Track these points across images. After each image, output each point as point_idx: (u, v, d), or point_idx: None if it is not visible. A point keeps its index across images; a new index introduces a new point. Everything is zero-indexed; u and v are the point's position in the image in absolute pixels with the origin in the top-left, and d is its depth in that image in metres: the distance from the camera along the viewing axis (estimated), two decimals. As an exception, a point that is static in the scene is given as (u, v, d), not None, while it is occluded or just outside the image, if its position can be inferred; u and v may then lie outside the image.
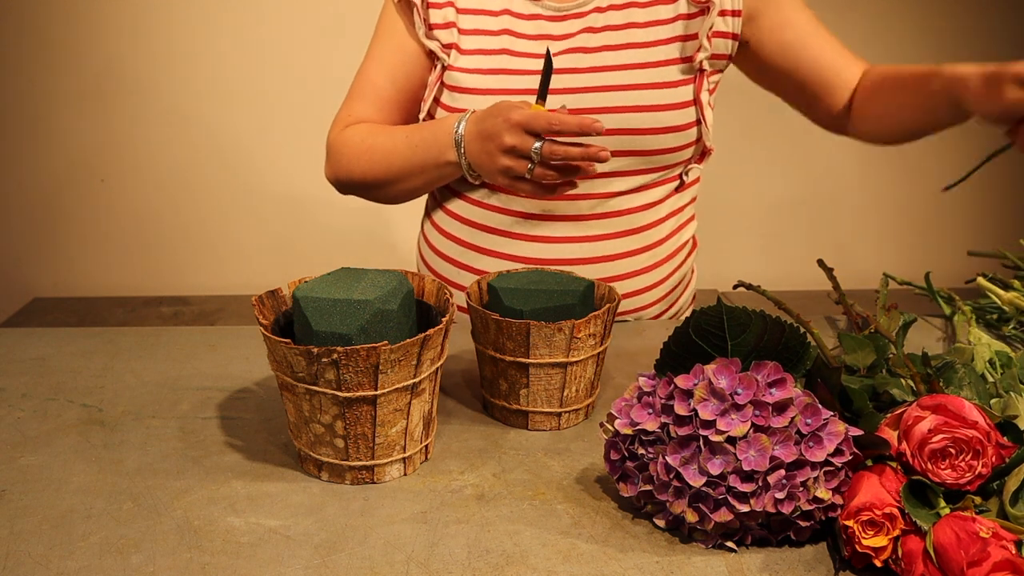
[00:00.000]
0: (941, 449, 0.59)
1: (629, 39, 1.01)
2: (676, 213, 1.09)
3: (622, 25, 1.02)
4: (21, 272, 2.37)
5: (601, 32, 1.01)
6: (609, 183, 1.02)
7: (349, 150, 1.06)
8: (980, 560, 0.53)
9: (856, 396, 0.65)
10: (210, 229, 2.42)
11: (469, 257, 1.07)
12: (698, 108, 1.02)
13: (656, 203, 1.06)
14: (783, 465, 0.60)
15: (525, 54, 1.01)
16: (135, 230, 2.38)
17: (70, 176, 2.30)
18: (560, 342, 0.76)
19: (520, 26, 1.03)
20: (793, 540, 0.63)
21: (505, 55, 1.01)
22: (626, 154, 1.01)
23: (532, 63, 1.01)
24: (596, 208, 1.03)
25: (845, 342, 0.70)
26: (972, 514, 0.57)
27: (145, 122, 2.30)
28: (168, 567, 0.60)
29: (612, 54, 1.00)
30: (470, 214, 1.06)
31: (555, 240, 1.03)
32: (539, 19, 1.03)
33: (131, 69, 2.23)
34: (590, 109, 0.99)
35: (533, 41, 1.02)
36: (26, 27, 2.17)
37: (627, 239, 1.05)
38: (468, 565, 0.61)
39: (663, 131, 1.00)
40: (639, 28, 1.01)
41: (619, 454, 0.66)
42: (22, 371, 0.90)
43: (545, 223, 1.03)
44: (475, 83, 1.01)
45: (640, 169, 1.03)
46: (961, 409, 0.60)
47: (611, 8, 1.02)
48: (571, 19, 1.02)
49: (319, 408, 0.68)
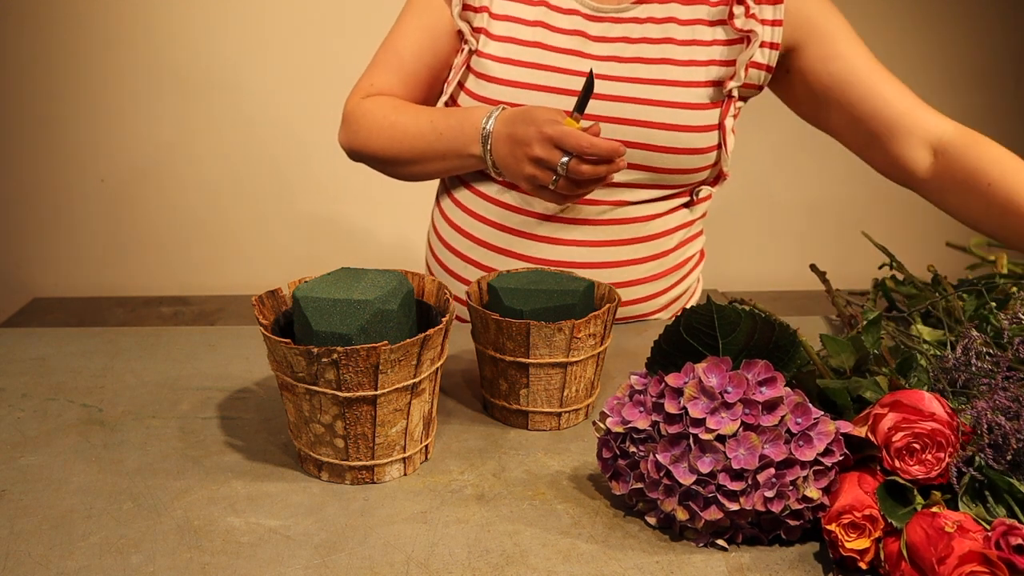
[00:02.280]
0: (905, 446, 0.59)
1: (664, 55, 1.00)
2: (686, 226, 1.09)
3: (659, 40, 1.00)
4: (21, 272, 2.37)
5: (637, 43, 1.00)
6: (622, 192, 1.02)
7: (369, 122, 1.04)
8: (946, 555, 0.54)
9: (837, 396, 0.65)
10: (210, 229, 2.42)
11: (478, 253, 1.07)
12: (721, 133, 1.02)
13: (666, 214, 1.06)
14: (773, 464, 0.60)
15: (558, 49, 1.00)
16: (135, 230, 2.38)
17: (70, 176, 2.30)
18: (560, 342, 0.76)
19: (556, 20, 1.01)
20: (784, 539, 0.63)
21: (538, 48, 1.00)
22: (643, 168, 1.01)
23: (564, 59, 0.99)
24: (606, 214, 1.03)
25: (828, 344, 0.70)
26: (941, 509, 0.57)
27: (145, 122, 2.30)
28: (168, 567, 0.60)
29: (645, 67, 0.99)
30: (482, 210, 1.06)
31: (564, 242, 1.03)
32: (576, 14, 1.01)
33: (131, 69, 2.23)
34: (616, 119, 0.98)
35: (568, 36, 1.01)
36: (26, 27, 2.17)
37: (635, 246, 1.05)
38: (468, 565, 0.61)
39: (683, 152, 1.00)
40: (676, 45, 1.00)
41: (611, 452, 0.67)
42: (22, 371, 0.90)
43: (555, 224, 1.03)
44: (504, 73, 1.00)
45: (654, 184, 1.03)
46: (920, 402, 0.60)
47: (650, 20, 1.01)
48: (608, 22, 1.01)
49: (319, 408, 0.68)
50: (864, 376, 0.69)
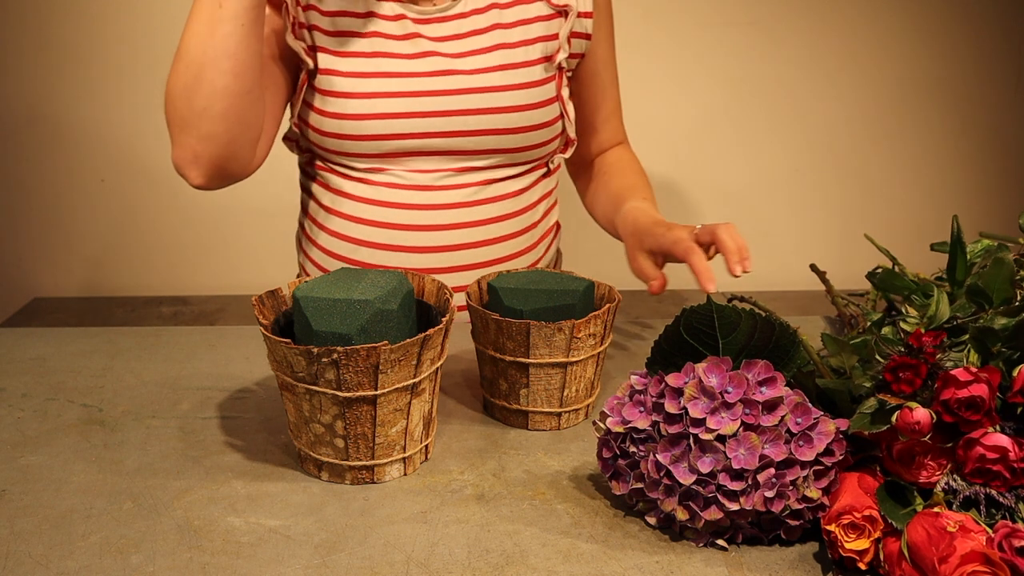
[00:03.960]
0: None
1: (496, 40, 1.04)
2: (546, 196, 1.15)
3: (487, 28, 1.05)
4: (21, 272, 2.37)
5: (468, 37, 1.04)
6: (486, 173, 1.07)
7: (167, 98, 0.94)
8: (948, 555, 0.54)
9: (837, 396, 0.66)
10: (210, 229, 2.42)
11: (363, 254, 1.07)
12: (560, 104, 1.08)
13: (531, 187, 1.11)
14: (773, 464, 0.60)
15: (399, 55, 1.02)
16: (135, 230, 2.38)
17: (70, 176, 2.30)
18: (560, 342, 0.76)
19: (388, 27, 1.03)
20: (784, 539, 0.63)
21: (380, 57, 1.02)
22: (500, 152, 1.05)
23: (407, 64, 1.02)
24: (477, 195, 1.07)
25: (828, 344, 0.70)
26: (942, 509, 0.57)
27: (145, 122, 2.30)
28: (168, 567, 0.60)
29: (482, 57, 1.03)
30: (356, 211, 1.07)
31: (441, 228, 1.06)
32: (405, 19, 1.03)
33: (131, 69, 2.23)
34: (464, 111, 1.02)
35: (404, 41, 1.03)
36: (27, 27, 2.17)
37: (506, 223, 1.09)
38: (468, 565, 0.61)
39: (532, 128, 1.05)
40: (505, 29, 1.05)
41: (611, 452, 0.67)
42: (22, 371, 0.90)
43: (430, 212, 1.05)
44: (353, 87, 1.01)
45: (512, 162, 1.08)
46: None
47: (474, 12, 1.05)
48: (436, 23, 1.04)
49: (319, 408, 0.68)
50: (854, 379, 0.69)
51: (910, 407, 0.57)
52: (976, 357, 0.62)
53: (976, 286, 0.70)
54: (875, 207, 2.20)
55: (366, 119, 1.01)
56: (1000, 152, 2.05)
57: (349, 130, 1.02)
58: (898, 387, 0.59)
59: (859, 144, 1.96)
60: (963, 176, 2.04)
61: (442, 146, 1.03)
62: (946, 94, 1.97)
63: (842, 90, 1.92)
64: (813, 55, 1.88)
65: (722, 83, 1.90)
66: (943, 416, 0.57)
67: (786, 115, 2.01)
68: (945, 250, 0.83)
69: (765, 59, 1.88)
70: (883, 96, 1.94)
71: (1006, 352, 0.61)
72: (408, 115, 1.01)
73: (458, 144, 1.04)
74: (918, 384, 0.58)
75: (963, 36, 2.02)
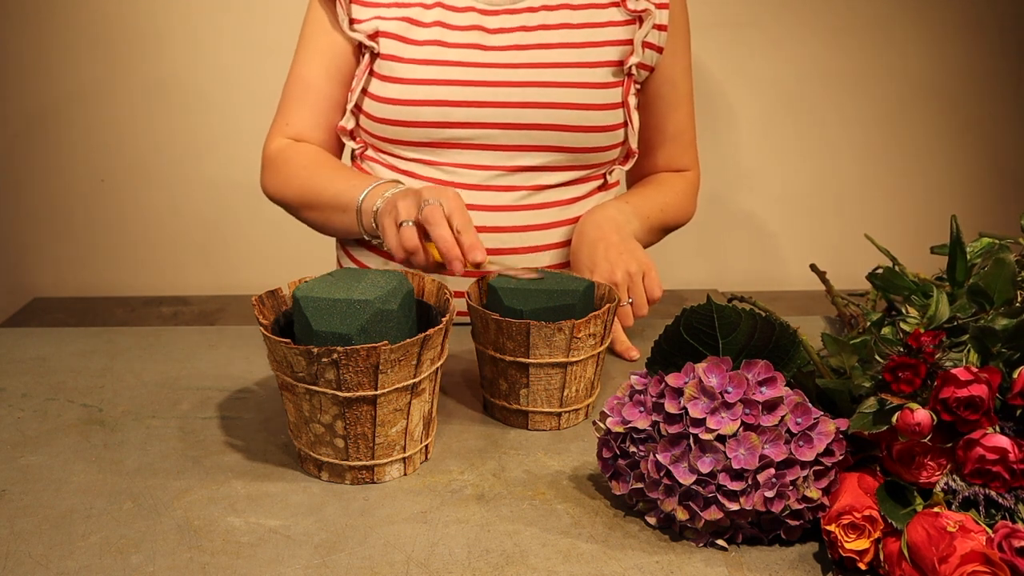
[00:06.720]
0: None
1: (563, 39, 1.04)
2: None
3: (556, 25, 1.04)
4: (21, 272, 2.37)
5: (535, 31, 1.04)
6: (538, 177, 1.05)
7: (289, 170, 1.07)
8: (948, 555, 0.54)
9: (837, 396, 0.66)
10: (210, 229, 2.42)
11: None
12: (625, 111, 1.06)
13: (583, 197, 1.09)
14: (773, 464, 0.60)
15: (457, 44, 1.03)
16: (135, 230, 2.38)
17: (70, 176, 2.30)
18: (560, 342, 0.76)
19: (453, 18, 1.04)
20: (784, 539, 0.63)
21: (436, 46, 1.03)
22: (556, 150, 1.04)
23: (463, 53, 1.02)
24: (526, 199, 1.06)
25: (828, 344, 0.70)
26: (942, 509, 0.57)
27: (145, 122, 2.30)
28: (168, 567, 0.60)
29: (546, 52, 1.03)
30: None
31: (485, 230, 1.05)
32: (472, 11, 1.04)
33: (132, 69, 2.23)
34: (524, 103, 1.01)
35: (465, 32, 1.03)
36: (27, 27, 2.17)
37: (552, 231, 1.07)
38: (468, 565, 0.61)
39: (592, 130, 1.04)
40: (573, 29, 1.04)
41: (611, 452, 0.67)
42: (22, 371, 0.90)
43: (475, 213, 1.03)
44: (408, 72, 1.02)
45: (568, 165, 1.06)
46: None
47: (544, 8, 1.05)
48: (504, 14, 1.04)
49: (319, 408, 0.68)
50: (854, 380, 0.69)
51: (911, 408, 0.57)
52: (976, 357, 0.62)
53: (977, 286, 0.70)
54: (875, 207, 2.20)
55: (423, 105, 1.01)
56: (1000, 152, 2.05)
57: (405, 115, 1.02)
58: (897, 387, 0.59)
59: (859, 144, 1.96)
60: (963, 176, 2.04)
61: (497, 138, 1.03)
62: (946, 94, 1.97)
63: (842, 90, 1.92)
64: (812, 55, 1.88)
65: (720, 83, 1.90)
66: (942, 415, 0.57)
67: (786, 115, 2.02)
68: (944, 252, 0.83)
69: (764, 60, 1.88)
70: (883, 96, 1.94)
71: (1006, 353, 0.61)
72: (466, 103, 1.01)
73: (513, 138, 1.03)
74: (917, 384, 0.58)
75: (963, 36, 2.02)
